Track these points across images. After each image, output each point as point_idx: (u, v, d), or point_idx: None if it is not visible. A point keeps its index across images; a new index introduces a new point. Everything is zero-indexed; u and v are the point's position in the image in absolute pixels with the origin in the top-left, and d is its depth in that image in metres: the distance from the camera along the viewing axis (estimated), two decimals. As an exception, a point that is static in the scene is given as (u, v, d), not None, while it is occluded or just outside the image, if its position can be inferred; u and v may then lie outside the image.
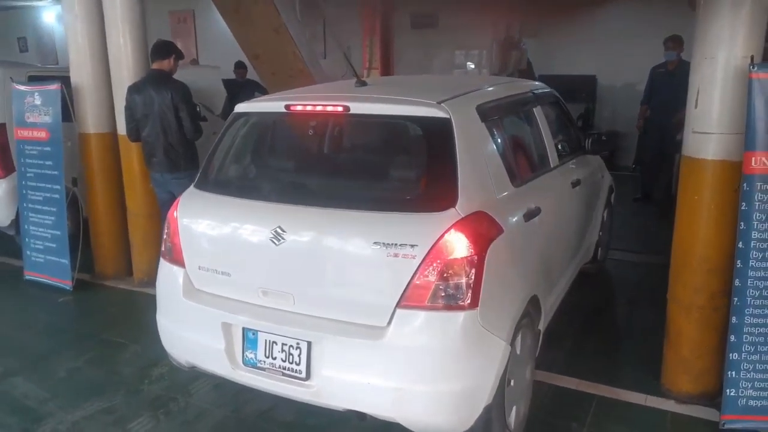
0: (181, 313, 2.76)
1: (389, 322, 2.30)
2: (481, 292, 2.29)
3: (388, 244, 2.30)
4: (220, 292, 2.65)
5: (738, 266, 2.68)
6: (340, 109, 2.64)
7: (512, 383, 2.59)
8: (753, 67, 2.56)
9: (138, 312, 4.37)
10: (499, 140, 2.82)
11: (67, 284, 4.67)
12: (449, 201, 2.36)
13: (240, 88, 8.28)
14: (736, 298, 2.70)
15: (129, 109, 4.30)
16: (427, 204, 2.41)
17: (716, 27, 2.72)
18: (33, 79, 5.20)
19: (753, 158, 2.60)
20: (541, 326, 2.95)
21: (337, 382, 2.38)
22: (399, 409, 2.33)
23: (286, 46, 6.75)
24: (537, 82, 3.99)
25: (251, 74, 8.14)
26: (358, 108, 2.63)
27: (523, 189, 2.88)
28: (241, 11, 6.59)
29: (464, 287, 2.27)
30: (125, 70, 4.51)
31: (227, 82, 7.84)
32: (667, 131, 6.46)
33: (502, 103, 3.09)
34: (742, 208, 2.64)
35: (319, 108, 2.77)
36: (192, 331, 2.71)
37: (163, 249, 2.89)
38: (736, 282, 2.69)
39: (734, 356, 2.74)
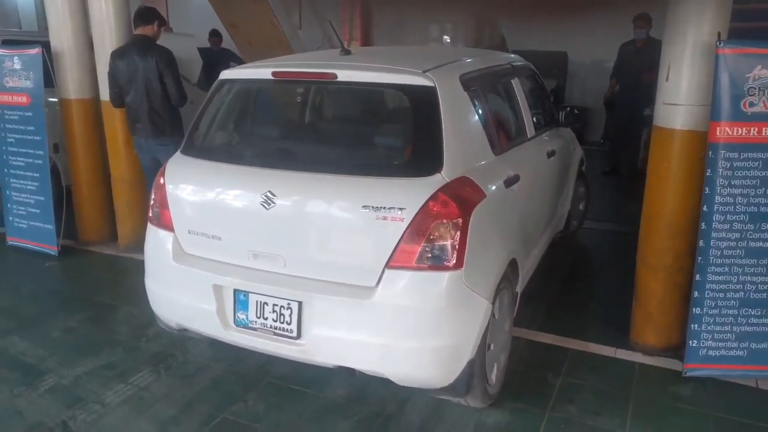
0: (171, 277, 2.81)
1: (378, 283, 2.39)
2: (465, 253, 2.39)
3: (376, 207, 2.37)
4: (211, 255, 2.70)
5: (702, 228, 2.92)
6: (327, 76, 2.71)
7: (491, 344, 2.72)
8: (720, 44, 2.77)
9: (127, 276, 4.44)
10: (480, 110, 2.90)
11: (52, 249, 4.70)
12: (435, 167, 2.44)
13: (216, 57, 8.22)
14: (699, 257, 2.95)
15: (112, 75, 4.31)
16: (414, 169, 2.48)
17: (686, 5, 2.92)
18: (7, 44, 5.11)
19: (718, 128, 2.83)
20: (519, 289, 3.10)
21: (327, 340, 2.47)
22: (386, 365, 2.44)
23: (264, 15, 6.74)
24: (514, 55, 4.07)
25: (227, 43, 8.08)
26: (345, 75, 2.67)
27: (502, 157, 2.99)
28: (219, -22, 6.54)
29: (450, 249, 2.37)
30: (108, 34, 4.49)
31: (203, 51, 7.78)
32: (634, 107, 6.73)
33: (483, 73, 3.17)
34: (707, 174, 2.87)
35: (306, 75, 2.87)
36: (182, 293, 2.76)
37: (150, 214, 2.92)
38: (700, 243, 2.94)
39: (697, 311, 3.00)
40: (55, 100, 4.90)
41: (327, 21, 7.72)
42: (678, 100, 3.02)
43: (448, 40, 9.38)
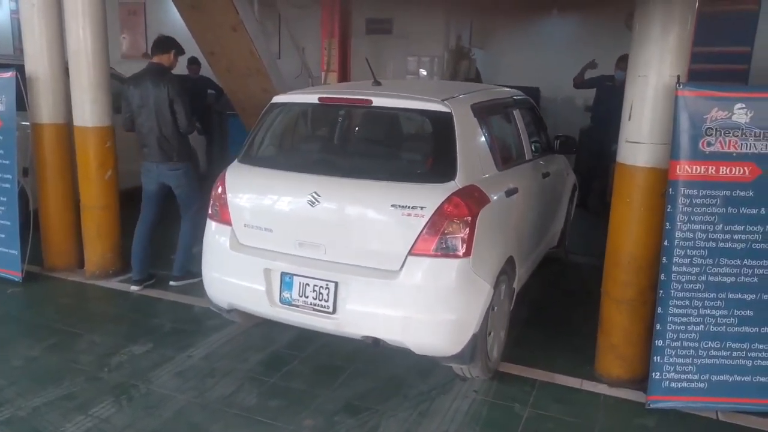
0: (228, 263, 3.36)
1: (401, 267, 2.95)
2: (473, 245, 2.96)
3: (402, 206, 2.96)
4: (262, 245, 3.25)
5: (663, 262, 3.01)
6: (365, 102, 3.39)
7: (492, 327, 3.29)
8: (679, 86, 2.90)
9: (92, 303, 4.38)
10: (486, 133, 3.50)
11: (16, 275, 4.59)
12: (450, 175, 3.05)
13: (194, 84, 8.26)
14: (661, 291, 3.03)
15: (126, 99, 4.43)
16: (433, 177, 3.12)
17: (648, 49, 3.05)
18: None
19: (678, 166, 2.94)
20: (516, 285, 3.63)
21: (358, 314, 3.02)
22: (407, 335, 2.99)
23: (243, 44, 6.81)
24: (516, 90, 4.67)
25: (205, 70, 8.12)
26: (379, 102, 3.33)
27: (504, 173, 3.58)
28: (198, 7, 6.60)
29: (460, 241, 2.94)
30: (84, 62, 4.51)
31: (180, 79, 7.81)
32: (605, 142, 6.89)
33: (490, 104, 3.81)
34: (668, 210, 2.97)
35: (347, 101, 3.59)
36: (237, 277, 3.31)
37: (210, 212, 3.48)
38: (662, 276, 3.02)
39: (659, 342, 3.07)
40: (27, 123, 4.85)
41: (301, 49, 7.83)
42: (640, 139, 3.14)
43: (425, 74, 9.57)
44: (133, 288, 4.55)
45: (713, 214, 2.96)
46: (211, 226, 3.47)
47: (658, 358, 3.08)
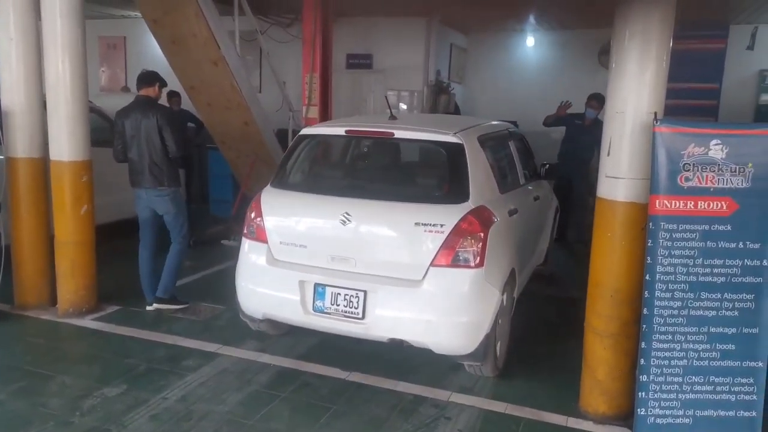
0: (264, 277, 3.75)
1: (424, 276, 3.40)
2: (485, 257, 3.42)
3: (424, 223, 3.42)
4: (297, 260, 3.66)
5: (645, 296, 3.01)
6: (387, 134, 3.87)
7: (498, 328, 3.64)
8: (656, 122, 2.95)
9: (64, 343, 4.23)
10: (490, 161, 3.98)
11: (-15, 314, 4.44)
12: (464, 197, 3.53)
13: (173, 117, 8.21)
14: (644, 325, 3.02)
15: (118, 132, 4.64)
16: (450, 198, 3.58)
17: (625, 86, 3.12)
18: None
19: (657, 201, 2.97)
20: (515, 294, 4.04)
21: (385, 318, 3.44)
22: (429, 336, 3.42)
23: (224, 78, 6.81)
24: (509, 123, 5.22)
25: (185, 103, 8.10)
26: (399, 134, 3.86)
27: (505, 195, 4.05)
28: (178, 42, 6.61)
29: (474, 253, 3.40)
30: (62, 95, 4.46)
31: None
32: (574, 178, 6.98)
33: (491, 136, 4.34)
34: (649, 244, 2.99)
35: (371, 133, 4.09)
36: (273, 289, 3.72)
37: (246, 231, 3.89)
38: (644, 311, 3.02)
39: (643, 378, 3.05)
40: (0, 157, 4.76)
41: (282, 83, 7.87)
42: (619, 174, 3.17)
43: (405, 108, 9.67)
44: (154, 307, 4.75)
45: (693, 248, 2.98)
46: (247, 245, 3.87)
47: (643, 393, 3.06)
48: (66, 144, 4.51)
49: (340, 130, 4.15)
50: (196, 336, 4.32)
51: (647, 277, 3.00)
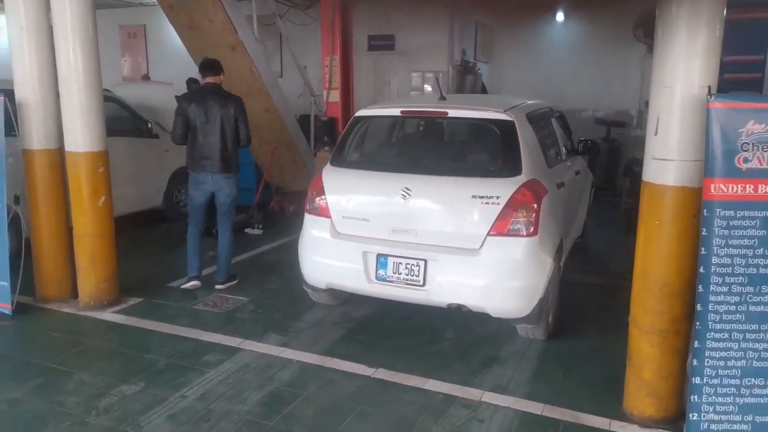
0: (329, 249, 3.98)
1: (481, 245, 3.62)
2: (538, 226, 3.62)
3: (481, 196, 3.63)
4: (360, 232, 3.89)
5: (699, 291, 2.73)
6: (441, 113, 4.18)
7: (550, 295, 3.85)
8: (710, 97, 2.65)
9: (84, 338, 4.13)
10: (538, 136, 4.14)
11: (6, 308, 4.36)
12: (517, 171, 3.72)
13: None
14: (698, 323, 2.75)
15: (182, 115, 4.75)
16: (504, 172, 3.76)
17: (673, 57, 2.81)
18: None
19: (712, 185, 2.68)
20: (561, 263, 4.18)
21: (445, 285, 3.67)
22: (486, 300, 3.64)
23: (242, 63, 6.64)
24: (549, 102, 5.25)
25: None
26: (453, 113, 4.12)
27: (552, 169, 4.22)
28: (195, 27, 6.45)
29: (529, 223, 3.60)
30: (75, 85, 4.31)
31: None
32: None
33: (537, 113, 4.49)
34: (703, 233, 2.70)
35: (425, 113, 4.35)
36: (337, 260, 3.96)
37: (308, 207, 4.13)
38: (698, 306, 2.74)
39: (696, 380, 2.78)
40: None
41: (303, 67, 7.66)
42: (668, 155, 2.89)
43: (429, 90, 9.38)
44: (192, 284, 4.95)
45: (753, 237, 2.69)
46: (310, 220, 4.09)
47: (696, 397, 2.79)
48: (81, 134, 4.38)
49: (395, 111, 4.44)
50: (218, 329, 4.18)
51: (701, 270, 2.72)
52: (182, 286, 4.94)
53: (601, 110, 10.03)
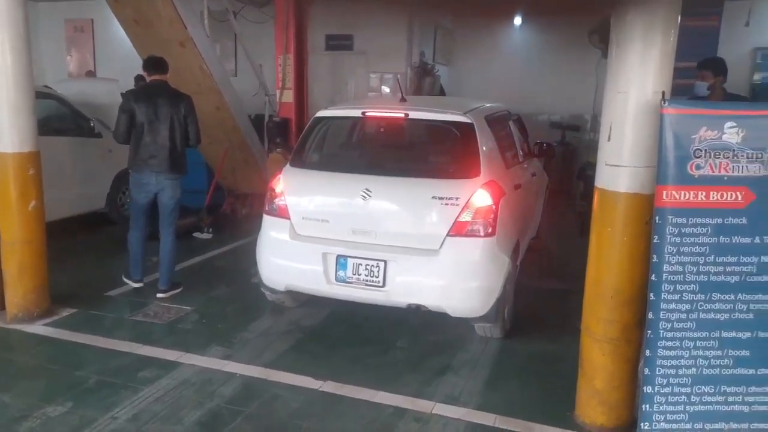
0: (288, 251, 3.94)
1: (441, 246, 3.64)
2: (496, 227, 3.66)
3: (441, 197, 3.66)
4: (319, 234, 3.85)
5: (651, 299, 2.68)
6: (402, 115, 4.07)
7: (505, 292, 3.84)
8: (664, 103, 2.60)
9: (9, 353, 3.84)
10: (496, 139, 4.21)
11: None
12: (476, 172, 3.75)
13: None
14: (649, 331, 2.70)
15: (126, 113, 4.57)
16: (463, 174, 3.78)
17: (628, 63, 2.76)
18: None
19: (664, 192, 2.63)
20: (518, 262, 4.22)
21: (405, 285, 3.67)
22: (445, 300, 3.66)
23: (192, 60, 6.38)
24: (505, 106, 5.27)
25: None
26: (414, 115, 4.06)
27: (509, 171, 4.29)
28: (142, 22, 6.15)
29: (487, 224, 3.64)
30: (3, 83, 4.01)
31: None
32: None
33: (496, 116, 4.60)
34: (655, 241, 2.65)
35: (387, 114, 4.31)
36: (296, 261, 3.92)
37: (267, 208, 4.08)
38: (650, 315, 2.69)
39: (648, 389, 2.73)
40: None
41: (258, 66, 7.43)
42: (621, 162, 2.83)
43: (388, 91, 9.27)
44: (141, 282, 4.85)
45: (704, 244, 2.65)
46: (269, 221, 4.04)
47: (647, 406, 2.74)
48: (8, 134, 4.07)
49: (356, 112, 4.41)
50: (157, 342, 3.94)
51: (653, 278, 2.67)
52: (125, 279, 4.86)
53: (557, 114, 10.12)
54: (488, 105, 4.66)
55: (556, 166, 8.82)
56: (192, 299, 4.71)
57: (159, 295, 4.71)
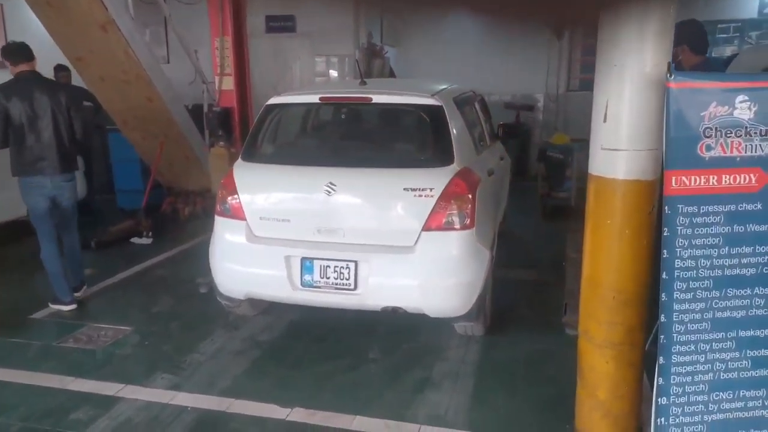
0: (245, 255, 3.54)
1: (416, 242, 3.32)
2: (474, 218, 3.37)
3: (413, 188, 3.32)
4: (280, 235, 3.48)
5: (663, 299, 2.37)
6: (364, 99, 3.74)
7: (486, 287, 3.58)
8: (670, 76, 2.27)
9: None
10: (466, 122, 3.95)
11: None
12: (449, 160, 3.44)
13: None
14: (662, 336, 2.39)
15: (3, 112, 4.01)
16: (435, 162, 3.46)
17: (626, 30, 2.41)
18: None
19: (673, 177, 2.31)
20: (493, 252, 3.85)
21: (379, 286, 3.33)
22: (424, 301, 3.34)
23: (116, 46, 5.71)
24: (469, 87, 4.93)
25: (75, 79, 6.87)
26: (378, 98, 3.71)
27: (480, 156, 4.05)
28: (55, 4, 5.43)
29: (465, 214, 3.34)
30: None
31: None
32: None
33: (463, 97, 4.24)
34: (665, 234, 2.33)
35: (347, 99, 3.94)
36: (256, 267, 3.52)
37: (219, 209, 3.65)
38: (662, 318, 2.38)
39: (662, 401, 2.43)
40: None
41: (193, 52, 6.80)
42: (619, 145, 2.49)
43: (336, 75, 8.77)
44: (74, 302, 4.31)
45: (717, 235, 2.35)
46: (222, 223, 3.63)
47: (663, 419, 2.44)
48: None
49: (313, 98, 3.97)
50: (91, 374, 3.41)
51: (664, 276, 2.35)
52: (53, 306, 4.29)
53: (508, 94, 9.90)
54: (454, 86, 4.28)
55: (512, 147, 8.62)
56: (131, 317, 4.17)
57: (77, 295, 4.39)
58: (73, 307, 4.27)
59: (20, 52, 4.13)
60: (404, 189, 3.33)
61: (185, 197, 7.03)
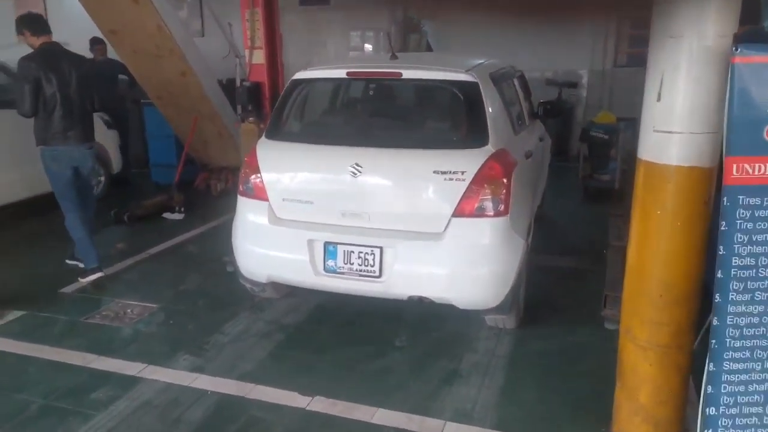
0: (267, 237, 3.41)
1: (446, 228, 3.13)
2: (509, 204, 3.16)
3: (444, 171, 3.12)
4: (303, 217, 3.33)
5: (717, 301, 2.14)
6: (394, 75, 3.52)
7: (520, 278, 3.37)
8: (736, 49, 2.01)
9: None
10: (503, 99, 3.69)
11: None
12: (483, 141, 3.21)
13: (100, 68, 6.93)
14: (714, 341, 2.17)
15: (34, 82, 4.01)
16: (469, 143, 3.25)
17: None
18: None
19: (735, 165, 2.06)
20: (530, 240, 3.64)
21: (405, 275, 3.17)
22: (452, 291, 3.16)
23: (148, 19, 5.64)
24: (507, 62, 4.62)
25: (111, 53, 6.85)
26: (409, 74, 3.47)
27: (518, 137, 3.81)
28: (88, -25, 5.38)
29: (499, 200, 3.12)
30: None
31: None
32: None
33: (500, 73, 3.95)
34: (722, 228, 2.09)
35: (376, 74, 3.71)
36: (278, 249, 3.39)
37: (241, 188, 3.52)
38: (715, 321, 2.15)
39: (711, 411, 2.22)
40: None
41: (227, 25, 6.68)
42: (673, 127, 2.24)
43: (371, 48, 8.55)
44: (96, 276, 4.26)
45: (781, 230, 2.11)
46: (245, 203, 3.51)
47: (711, 431, 2.24)
48: None
49: (341, 73, 3.70)
50: (115, 352, 3.38)
51: (719, 275, 2.12)
52: (82, 280, 4.25)
53: (550, 70, 9.47)
54: (491, 61, 4.02)
55: (553, 125, 8.27)
56: (159, 294, 4.14)
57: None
58: (100, 274, 4.27)
59: (37, 23, 4.17)
60: (434, 172, 3.13)
61: (218, 173, 7.00)
